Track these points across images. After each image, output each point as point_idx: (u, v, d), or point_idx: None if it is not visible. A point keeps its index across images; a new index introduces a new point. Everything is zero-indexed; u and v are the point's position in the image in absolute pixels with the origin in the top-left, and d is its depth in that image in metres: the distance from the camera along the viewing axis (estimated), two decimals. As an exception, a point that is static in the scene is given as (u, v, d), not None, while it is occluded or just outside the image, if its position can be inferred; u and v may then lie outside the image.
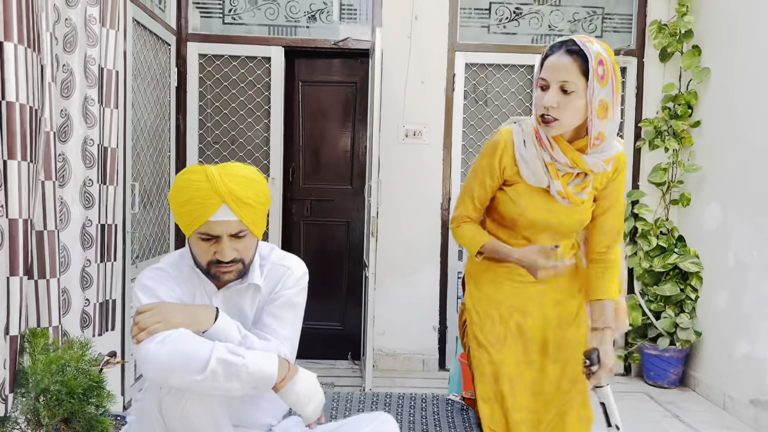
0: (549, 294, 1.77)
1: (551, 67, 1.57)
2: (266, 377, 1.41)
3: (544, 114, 1.58)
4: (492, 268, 1.79)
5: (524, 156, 1.67)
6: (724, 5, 3.62)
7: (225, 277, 1.51)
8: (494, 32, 4.06)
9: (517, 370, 1.74)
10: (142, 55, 3.23)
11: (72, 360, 1.85)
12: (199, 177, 1.46)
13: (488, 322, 1.77)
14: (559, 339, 1.76)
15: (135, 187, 3.11)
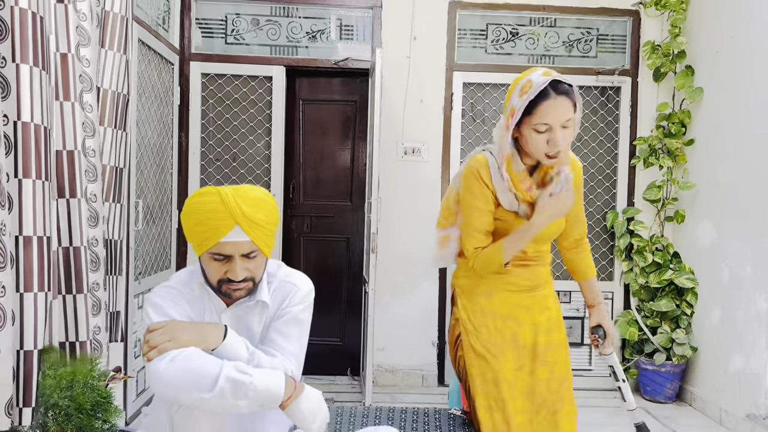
0: (536, 300, 1.89)
1: (553, 113, 1.67)
2: (273, 395, 1.44)
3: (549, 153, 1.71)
4: (486, 281, 1.87)
5: (500, 184, 1.78)
6: (715, 26, 3.72)
7: (235, 295, 1.55)
8: (491, 52, 4.14)
9: (513, 375, 1.83)
10: (146, 75, 3.29)
11: (81, 375, 1.88)
12: (213, 198, 1.50)
13: (484, 331, 1.85)
14: (548, 343, 1.88)
15: (138, 204, 3.15)
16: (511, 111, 1.73)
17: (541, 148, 1.71)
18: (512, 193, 1.77)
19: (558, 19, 4.12)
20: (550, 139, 1.69)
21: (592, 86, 4.12)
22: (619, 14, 4.10)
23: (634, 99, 4.10)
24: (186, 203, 1.55)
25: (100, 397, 1.89)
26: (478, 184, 1.79)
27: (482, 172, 1.79)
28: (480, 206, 1.80)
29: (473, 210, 1.81)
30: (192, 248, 1.58)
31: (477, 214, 1.80)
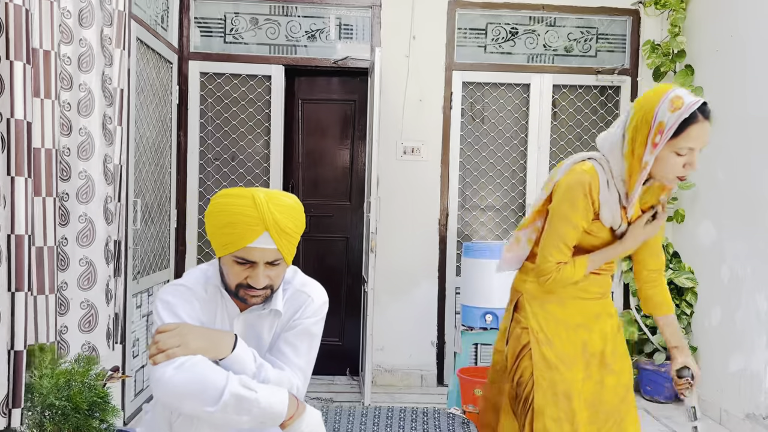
0: (605, 307, 1.86)
1: (700, 137, 1.62)
2: (276, 414, 1.42)
3: (682, 176, 1.67)
4: (557, 289, 1.81)
5: (607, 199, 1.70)
6: (715, 25, 3.71)
7: (252, 301, 1.51)
8: (490, 52, 4.14)
9: (585, 386, 1.80)
10: (144, 73, 3.29)
11: (78, 375, 1.87)
12: (246, 201, 1.44)
13: (557, 341, 1.80)
14: (614, 350, 1.84)
15: (137, 203, 3.14)
16: (660, 127, 1.61)
17: (676, 171, 1.66)
18: (620, 211, 1.72)
19: (558, 18, 4.11)
20: (689, 162, 1.64)
21: (591, 86, 4.11)
22: (618, 13, 4.09)
23: (634, 98, 4.09)
24: (214, 201, 1.50)
25: (97, 397, 1.88)
26: (585, 199, 1.70)
27: (593, 187, 1.70)
28: (577, 222, 1.73)
29: (568, 224, 1.73)
30: (213, 247, 1.52)
31: (570, 228, 1.73)
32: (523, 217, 4.11)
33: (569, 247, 1.75)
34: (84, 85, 2.17)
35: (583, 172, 1.71)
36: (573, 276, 1.75)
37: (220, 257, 1.51)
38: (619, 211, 1.72)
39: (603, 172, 1.70)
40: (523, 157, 4.11)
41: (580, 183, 1.70)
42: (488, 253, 3.52)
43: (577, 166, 1.74)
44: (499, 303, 3.46)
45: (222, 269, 1.52)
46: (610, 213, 1.71)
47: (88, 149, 2.20)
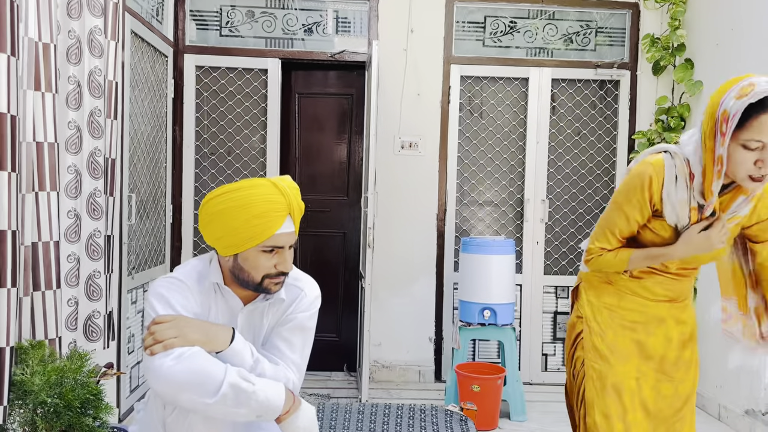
0: (673, 312, 1.74)
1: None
2: (273, 407, 1.41)
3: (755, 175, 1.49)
4: (614, 280, 1.74)
5: (672, 197, 1.58)
6: (715, 19, 3.68)
7: (275, 289, 1.52)
8: (489, 45, 4.10)
9: (638, 386, 1.71)
10: (139, 67, 3.25)
11: (70, 372, 1.84)
12: (269, 189, 1.46)
13: (610, 332, 1.72)
14: (677, 359, 1.74)
15: (132, 198, 3.11)
16: (724, 115, 1.48)
17: (746, 169, 1.49)
18: (688, 210, 1.58)
19: (557, 11, 4.08)
20: (761, 158, 1.46)
21: (590, 80, 4.08)
22: (618, 7, 4.06)
23: (633, 92, 4.06)
24: (224, 198, 1.47)
25: (90, 394, 1.85)
26: (642, 194, 1.61)
27: (653, 182, 1.59)
28: (630, 215, 1.64)
29: (620, 214, 1.66)
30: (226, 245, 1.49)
31: (622, 220, 1.66)
32: (521, 212, 4.09)
33: (616, 237, 1.68)
34: (73, 77, 2.14)
35: (648, 164, 1.61)
36: (611, 265, 1.68)
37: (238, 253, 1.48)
38: (688, 211, 1.58)
39: (673, 166, 1.57)
40: (522, 152, 4.08)
41: (640, 175, 1.61)
42: (486, 248, 3.49)
43: (649, 157, 1.64)
44: (498, 299, 3.45)
45: (239, 265, 1.49)
46: (674, 211, 1.59)
47: (78, 143, 2.17)
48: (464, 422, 1.92)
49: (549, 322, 4.09)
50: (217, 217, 1.47)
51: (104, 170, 2.36)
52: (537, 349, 4.07)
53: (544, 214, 4.05)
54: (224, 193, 1.47)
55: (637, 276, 1.71)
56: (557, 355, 4.10)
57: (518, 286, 4.04)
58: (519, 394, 3.41)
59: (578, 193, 4.11)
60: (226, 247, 1.48)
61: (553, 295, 4.09)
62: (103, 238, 2.30)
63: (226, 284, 1.54)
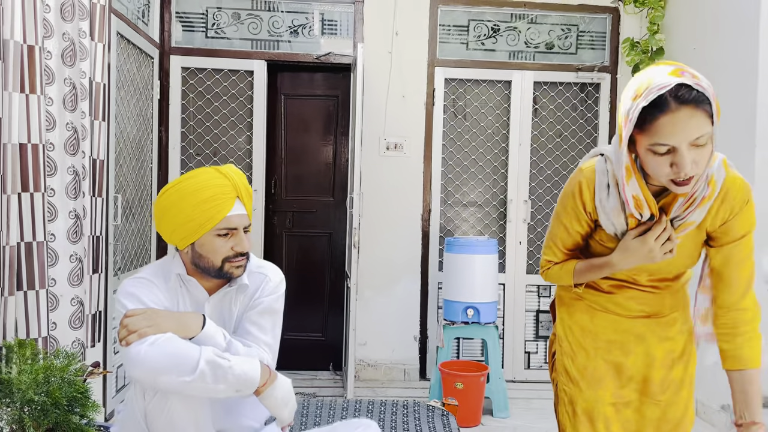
0: (654, 328, 1.55)
1: (673, 131, 1.26)
2: (250, 380, 1.47)
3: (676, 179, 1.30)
4: (585, 296, 1.58)
5: (604, 204, 1.44)
6: (693, 24, 3.77)
7: (237, 272, 1.58)
8: (473, 48, 4.16)
9: (616, 411, 1.55)
10: (125, 68, 3.26)
11: (57, 370, 1.87)
12: (213, 174, 1.54)
13: (582, 354, 1.58)
14: (663, 379, 1.55)
15: (118, 199, 3.12)
16: (625, 118, 1.32)
17: (665, 174, 1.31)
18: (623, 217, 1.43)
19: (539, 15, 4.15)
20: (675, 162, 1.28)
21: (572, 83, 4.15)
22: (598, 11, 4.14)
23: (613, 95, 4.14)
24: (173, 191, 1.54)
25: (77, 392, 1.88)
26: (574, 202, 1.49)
27: (583, 190, 1.47)
28: (568, 225, 1.52)
29: (560, 225, 1.54)
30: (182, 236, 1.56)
31: (562, 230, 1.54)
32: (505, 213, 4.15)
33: (560, 248, 1.56)
34: (68, 80, 2.16)
35: (580, 171, 1.50)
36: (560, 278, 1.57)
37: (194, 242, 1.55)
38: (624, 218, 1.43)
39: (605, 172, 1.43)
40: (505, 153, 4.15)
41: (571, 183, 1.51)
42: (470, 248, 3.55)
43: (583, 162, 1.52)
44: (481, 298, 3.51)
45: (197, 253, 1.56)
46: (609, 219, 1.44)
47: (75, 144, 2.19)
48: (446, 417, 1.97)
49: (531, 321, 4.16)
50: (169, 210, 1.54)
51: (91, 171, 2.38)
52: (520, 347, 4.14)
53: (526, 214, 4.12)
54: (171, 187, 1.56)
55: (608, 291, 1.55)
56: (540, 352, 4.16)
57: (501, 285, 4.10)
58: (502, 391, 3.47)
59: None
60: (183, 238, 1.55)
61: (536, 294, 4.16)
62: (86, 239, 2.32)
63: (190, 275, 1.60)
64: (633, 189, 1.37)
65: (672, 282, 1.54)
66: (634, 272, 1.51)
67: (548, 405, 3.67)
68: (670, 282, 1.54)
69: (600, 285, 1.56)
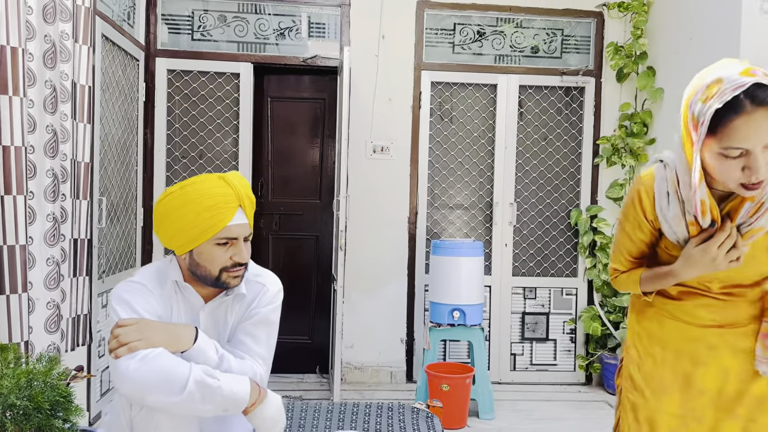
0: (728, 339, 1.45)
1: (748, 134, 1.21)
2: (238, 401, 1.45)
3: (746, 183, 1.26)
4: (655, 302, 1.53)
5: (665, 212, 1.40)
6: (675, 29, 3.82)
7: (234, 283, 1.56)
8: (459, 52, 4.19)
9: (681, 423, 1.47)
10: (110, 71, 3.25)
11: (40, 374, 1.85)
12: (216, 182, 1.52)
13: (649, 361, 1.52)
14: (740, 393, 1.45)
15: (102, 202, 3.11)
16: (693, 121, 1.28)
17: (735, 178, 1.26)
18: (684, 225, 1.38)
19: (524, 19, 4.18)
20: (748, 165, 1.23)
21: (557, 86, 4.19)
22: (583, 15, 4.18)
23: (598, 99, 4.18)
24: (174, 196, 1.52)
25: (60, 396, 1.87)
26: (635, 211, 1.46)
27: (643, 198, 1.44)
28: (631, 234, 1.50)
29: (624, 234, 1.52)
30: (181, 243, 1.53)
31: (626, 239, 1.52)
32: (490, 215, 4.18)
33: (626, 257, 1.54)
34: (49, 82, 2.15)
35: (639, 179, 1.47)
36: (627, 287, 1.54)
37: (192, 249, 1.52)
38: (685, 226, 1.38)
39: (664, 179, 1.39)
40: (491, 156, 4.17)
41: (632, 192, 1.48)
42: (456, 250, 3.57)
43: (643, 170, 1.49)
44: (467, 300, 3.52)
45: (195, 261, 1.53)
46: (671, 228, 1.40)
47: (55, 147, 2.18)
48: (430, 419, 1.98)
49: (517, 323, 4.18)
50: (169, 215, 1.52)
51: (75, 174, 2.37)
52: (506, 349, 4.16)
53: (512, 217, 4.15)
54: (173, 192, 1.53)
55: (677, 297, 1.49)
56: (525, 354, 4.19)
57: (487, 288, 4.12)
58: (487, 393, 3.49)
59: (545, 196, 4.21)
60: (182, 244, 1.52)
61: (521, 296, 4.18)
62: (68, 242, 2.31)
63: (186, 282, 1.58)
64: (702, 194, 1.31)
65: (748, 289, 1.44)
66: (705, 279, 1.44)
67: (534, 406, 3.72)
68: (746, 289, 1.44)
69: (669, 291, 1.50)
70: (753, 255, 1.38)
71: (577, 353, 4.19)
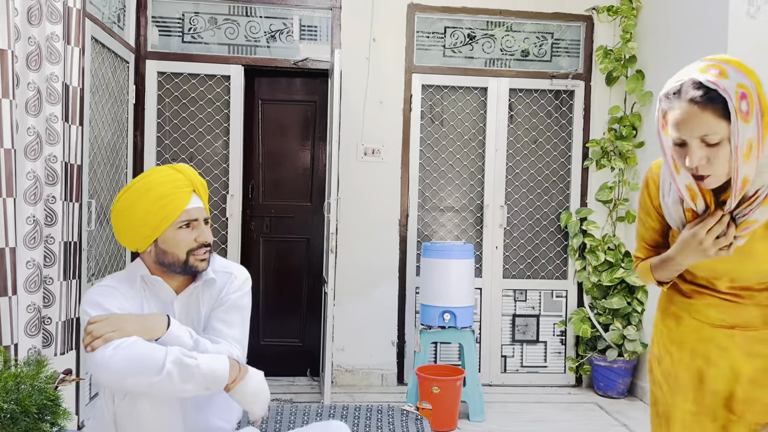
0: (739, 342, 1.46)
1: (680, 123, 1.29)
2: (218, 378, 1.47)
3: (694, 173, 1.33)
4: (674, 299, 1.56)
5: (666, 197, 1.46)
6: (664, 32, 3.85)
7: (201, 266, 1.61)
8: (449, 55, 4.20)
9: (695, 420, 1.50)
10: (100, 73, 3.24)
11: (27, 377, 1.84)
12: (168, 171, 1.59)
13: (667, 358, 1.57)
14: (750, 398, 1.45)
15: (92, 204, 3.09)
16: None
17: (681, 164, 1.34)
18: (682, 210, 1.43)
19: (514, 23, 4.20)
20: (687, 154, 1.30)
21: (546, 90, 4.21)
22: (573, 19, 4.21)
23: (587, 102, 4.21)
24: (130, 192, 1.58)
25: (48, 400, 1.86)
26: (644, 197, 1.54)
27: (650, 185, 1.52)
28: (644, 221, 1.57)
29: (640, 222, 1.60)
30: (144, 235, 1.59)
31: (642, 226, 1.59)
32: (481, 218, 4.19)
33: (643, 245, 1.60)
34: (33, 84, 2.14)
35: (650, 166, 1.55)
36: (645, 274, 1.57)
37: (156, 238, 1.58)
38: (682, 211, 1.43)
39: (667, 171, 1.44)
40: (481, 159, 4.19)
41: (643, 179, 1.56)
42: (447, 252, 3.58)
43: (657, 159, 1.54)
44: (457, 302, 3.53)
45: (161, 249, 1.58)
46: (669, 212, 1.46)
47: (37, 149, 2.17)
48: (419, 421, 1.98)
49: (508, 325, 4.20)
50: (126, 212, 1.57)
51: (64, 176, 2.36)
52: (496, 351, 4.17)
53: (502, 219, 4.16)
54: (126, 190, 1.59)
55: (689, 295, 1.52)
56: (516, 356, 4.20)
57: (478, 290, 4.13)
58: (478, 395, 3.50)
59: (535, 199, 4.23)
60: (145, 237, 1.57)
61: (512, 298, 4.20)
62: (57, 245, 2.30)
63: (155, 274, 1.62)
64: (684, 179, 1.36)
65: (757, 293, 1.44)
66: (711, 276, 1.46)
67: (524, 408, 3.73)
68: (755, 292, 1.44)
69: (682, 288, 1.55)
70: (751, 251, 1.39)
71: (567, 355, 4.21)
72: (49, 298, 2.28)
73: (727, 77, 1.27)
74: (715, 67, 1.30)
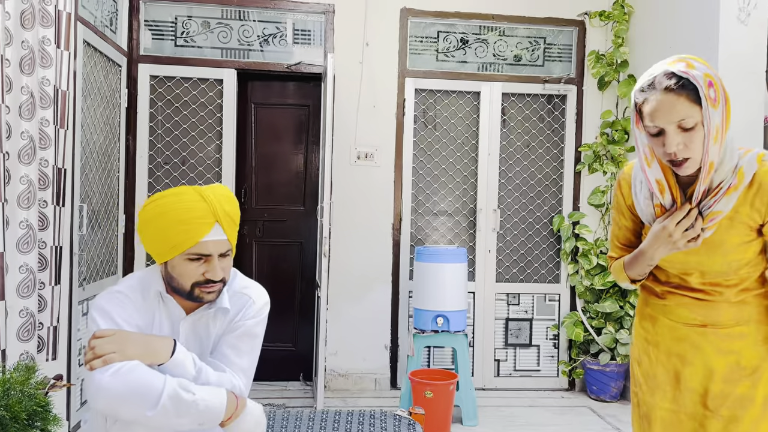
0: (712, 340, 1.51)
1: (657, 111, 1.36)
2: (214, 415, 1.44)
3: (672, 159, 1.39)
4: (649, 302, 1.61)
5: (638, 195, 1.53)
6: (656, 38, 3.87)
7: (208, 298, 1.52)
8: (442, 60, 4.21)
9: (675, 418, 1.55)
10: (92, 76, 3.23)
11: (17, 383, 1.83)
12: (192, 197, 1.47)
13: (645, 360, 1.62)
14: (725, 393, 1.50)
15: (83, 209, 3.08)
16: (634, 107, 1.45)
17: (660, 153, 1.40)
18: (653, 206, 1.49)
19: (507, 28, 4.22)
20: (665, 141, 1.37)
21: (539, 94, 4.23)
22: (565, 24, 4.23)
23: (580, 107, 4.22)
24: (152, 205, 1.50)
25: (38, 406, 1.84)
26: (617, 196, 1.61)
27: (622, 184, 1.59)
28: (618, 220, 1.63)
29: (613, 221, 1.66)
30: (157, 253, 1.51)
31: (615, 225, 1.64)
32: (474, 222, 4.19)
33: (616, 244, 1.64)
34: (26, 88, 2.13)
35: (622, 170, 1.61)
36: (617, 274, 1.61)
37: (166, 262, 1.50)
38: (653, 207, 1.49)
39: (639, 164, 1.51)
40: (474, 163, 4.20)
41: (616, 181, 1.61)
42: (440, 257, 3.58)
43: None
44: (451, 306, 3.53)
45: (169, 273, 1.51)
46: (641, 209, 1.52)
47: (30, 153, 2.16)
48: (412, 426, 1.98)
49: (501, 329, 4.20)
50: (148, 225, 1.50)
51: (54, 180, 2.34)
52: (489, 355, 4.18)
53: (495, 223, 4.17)
54: (154, 201, 1.51)
55: (661, 296, 1.57)
56: (509, 360, 4.21)
57: (471, 294, 4.13)
58: (471, 400, 3.50)
59: (528, 203, 4.24)
60: (158, 254, 1.50)
61: (505, 302, 4.20)
62: (48, 249, 2.28)
63: (168, 293, 1.55)
64: (655, 173, 1.44)
65: (726, 289, 1.49)
66: (683, 270, 1.51)
67: (517, 412, 3.73)
68: (724, 289, 1.49)
69: (654, 289, 1.59)
70: (718, 242, 1.45)
71: (560, 359, 4.22)
72: (41, 303, 2.26)
73: (695, 68, 1.37)
74: (682, 61, 1.39)
